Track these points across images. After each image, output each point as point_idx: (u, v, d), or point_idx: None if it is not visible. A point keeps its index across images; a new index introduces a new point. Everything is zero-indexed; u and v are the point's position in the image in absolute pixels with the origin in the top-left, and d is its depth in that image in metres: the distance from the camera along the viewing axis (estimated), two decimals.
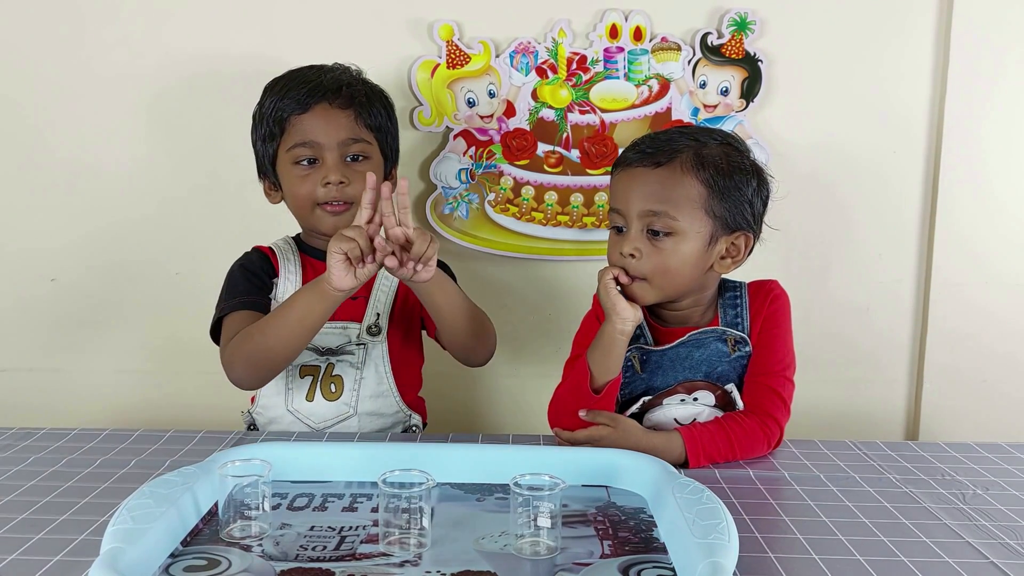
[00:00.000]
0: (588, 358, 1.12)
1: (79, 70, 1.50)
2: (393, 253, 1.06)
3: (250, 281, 1.26)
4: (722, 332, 1.15)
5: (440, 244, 1.10)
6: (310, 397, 1.27)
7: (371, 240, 1.07)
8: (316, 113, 1.23)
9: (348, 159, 1.25)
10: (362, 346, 1.27)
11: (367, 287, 1.29)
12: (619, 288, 1.11)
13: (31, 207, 1.55)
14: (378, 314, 1.29)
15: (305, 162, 1.24)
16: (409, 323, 1.33)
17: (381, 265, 1.07)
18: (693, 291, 1.15)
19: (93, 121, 1.52)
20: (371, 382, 1.28)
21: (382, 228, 1.09)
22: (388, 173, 1.31)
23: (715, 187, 1.09)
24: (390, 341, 1.29)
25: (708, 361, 1.15)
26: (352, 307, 1.27)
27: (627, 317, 1.10)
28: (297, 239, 1.34)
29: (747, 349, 1.16)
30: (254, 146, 1.30)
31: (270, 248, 1.32)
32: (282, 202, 1.31)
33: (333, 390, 1.27)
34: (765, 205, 1.15)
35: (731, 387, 1.15)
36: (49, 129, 1.52)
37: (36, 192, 1.54)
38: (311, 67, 1.29)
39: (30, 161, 1.53)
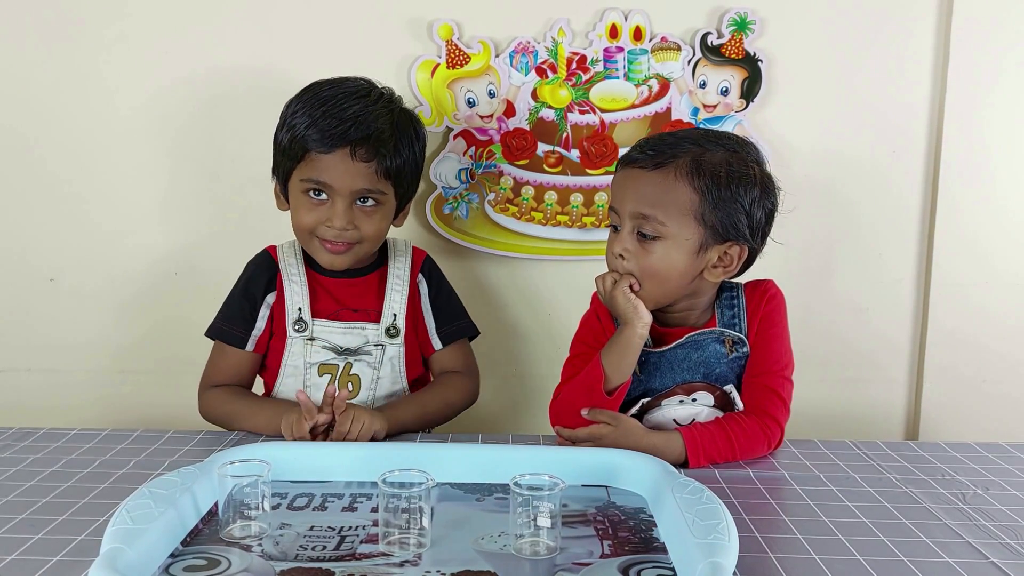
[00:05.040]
0: (603, 361, 1.11)
1: (78, 70, 1.50)
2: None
3: (243, 309, 1.28)
4: (720, 333, 1.15)
5: (377, 421, 1.14)
6: None
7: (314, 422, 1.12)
8: (336, 157, 1.19)
9: (359, 201, 1.23)
10: (380, 347, 1.29)
11: (379, 295, 1.30)
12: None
13: (30, 207, 1.54)
14: (395, 315, 1.29)
15: (313, 194, 1.22)
16: (418, 324, 1.34)
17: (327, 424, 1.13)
18: (684, 296, 1.14)
19: (92, 121, 1.51)
20: (387, 382, 1.30)
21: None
22: (400, 209, 1.29)
23: (709, 196, 1.07)
24: (406, 342, 1.30)
25: (706, 362, 1.15)
26: (370, 309, 1.29)
27: (648, 321, 1.10)
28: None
29: (745, 350, 1.15)
30: (275, 144, 1.27)
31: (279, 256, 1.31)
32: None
33: (351, 389, 1.28)
34: (769, 217, 1.12)
35: (730, 388, 1.15)
36: (48, 129, 1.52)
37: (35, 192, 1.54)
38: (347, 92, 1.22)
39: (29, 161, 1.53)
